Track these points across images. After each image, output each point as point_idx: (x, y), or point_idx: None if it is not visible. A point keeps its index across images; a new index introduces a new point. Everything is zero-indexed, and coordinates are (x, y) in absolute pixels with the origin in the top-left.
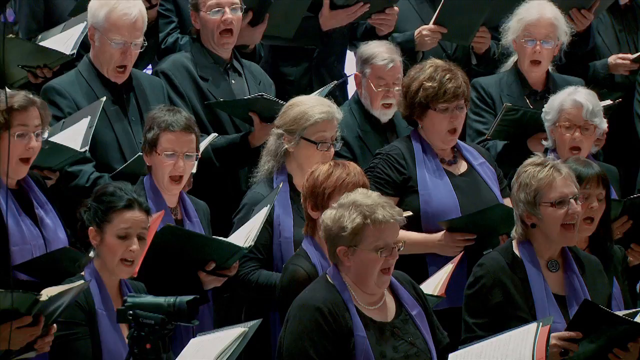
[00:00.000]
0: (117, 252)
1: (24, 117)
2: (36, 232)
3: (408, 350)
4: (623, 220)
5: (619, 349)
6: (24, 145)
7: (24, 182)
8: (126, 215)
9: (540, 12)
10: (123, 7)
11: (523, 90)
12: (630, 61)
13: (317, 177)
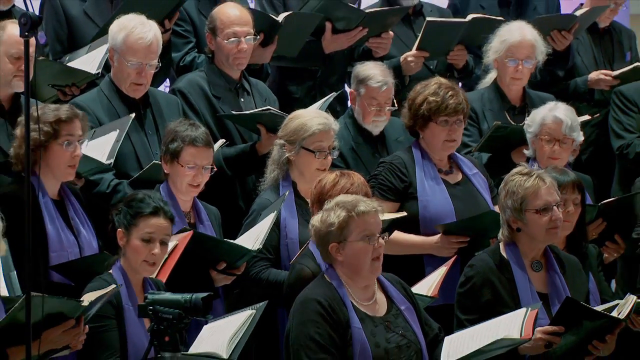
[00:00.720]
0: (141, 254)
1: (70, 128)
2: (73, 240)
3: (399, 342)
4: (598, 223)
5: (597, 340)
6: (70, 153)
7: (64, 193)
8: (151, 221)
9: (522, 34)
10: (139, 31)
11: (503, 105)
12: (612, 77)
13: (324, 186)
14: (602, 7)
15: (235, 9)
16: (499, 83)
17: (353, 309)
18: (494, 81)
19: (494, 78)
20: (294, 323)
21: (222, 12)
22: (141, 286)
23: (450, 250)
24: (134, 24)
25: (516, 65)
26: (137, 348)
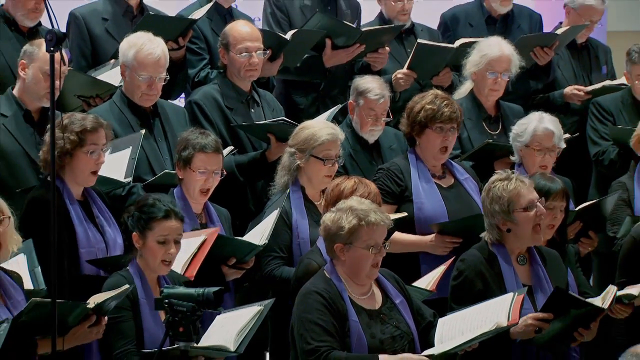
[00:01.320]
0: (158, 255)
1: (95, 137)
2: (99, 237)
3: (393, 332)
4: (576, 225)
5: (582, 327)
6: (94, 160)
7: (88, 195)
8: (165, 224)
9: (500, 49)
10: (148, 47)
11: (480, 115)
12: (584, 93)
13: (342, 190)
14: (580, 25)
15: (246, 26)
16: (476, 94)
17: (350, 303)
18: (470, 92)
19: (471, 89)
20: (297, 313)
21: (235, 29)
22: (156, 281)
23: (444, 248)
24: (142, 41)
25: (495, 77)
26: (153, 337)
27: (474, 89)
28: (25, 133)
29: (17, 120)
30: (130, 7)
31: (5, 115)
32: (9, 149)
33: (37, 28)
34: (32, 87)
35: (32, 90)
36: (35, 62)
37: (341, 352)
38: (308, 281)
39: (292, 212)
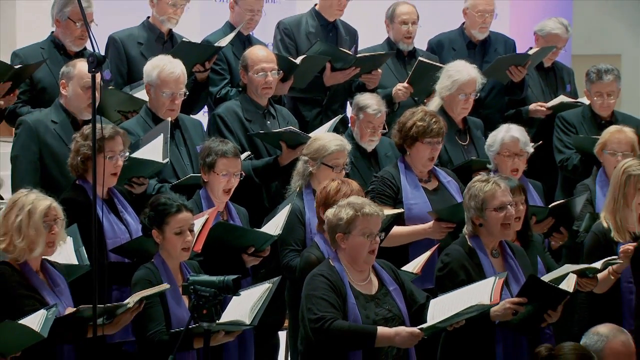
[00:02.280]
0: (178, 245)
1: (111, 144)
2: (123, 229)
3: (386, 315)
4: (548, 221)
5: (551, 309)
6: (112, 164)
7: (112, 194)
8: (178, 217)
9: (468, 73)
10: (169, 68)
11: (452, 128)
12: (546, 109)
13: (329, 191)
14: (550, 47)
15: (263, 51)
16: (447, 110)
17: (350, 288)
18: (441, 108)
19: (441, 105)
20: (305, 292)
21: (253, 52)
22: (178, 269)
23: (442, 233)
24: (164, 62)
25: (466, 98)
26: (178, 319)
27: (445, 106)
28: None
29: (65, 127)
30: (161, 34)
31: (55, 122)
32: (59, 151)
33: (82, 52)
34: (74, 102)
35: (74, 104)
36: (73, 79)
37: (343, 322)
38: (316, 267)
39: (306, 211)
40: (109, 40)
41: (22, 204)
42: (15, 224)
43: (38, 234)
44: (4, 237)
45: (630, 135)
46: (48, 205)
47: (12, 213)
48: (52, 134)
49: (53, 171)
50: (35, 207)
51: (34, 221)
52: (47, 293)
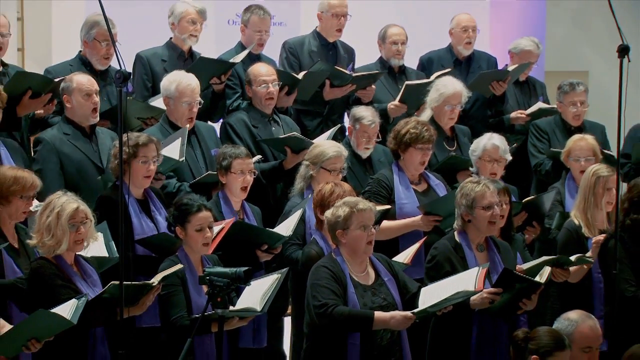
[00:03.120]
0: (199, 240)
1: (145, 150)
2: (152, 226)
3: (381, 303)
4: (522, 215)
5: (526, 299)
6: (146, 167)
7: (148, 195)
8: (198, 216)
9: (454, 87)
10: (185, 80)
11: (440, 136)
12: (525, 115)
13: (324, 193)
14: (526, 64)
15: (263, 67)
16: (436, 120)
17: (350, 279)
18: (431, 118)
19: (431, 116)
20: (310, 282)
21: (255, 69)
22: (199, 262)
23: (430, 225)
24: (180, 76)
25: (452, 109)
26: (198, 306)
27: (435, 116)
28: (85, 145)
29: (77, 136)
30: (183, 52)
31: (67, 134)
32: (77, 158)
33: (107, 69)
34: (79, 111)
35: (79, 113)
36: (74, 91)
37: (344, 307)
38: (319, 260)
39: (306, 210)
40: (136, 58)
41: (54, 205)
42: (46, 224)
43: (64, 234)
44: (37, 234)
45: (592, 142)
46: (75, 208)
47: (44, 213)
48: (68, 145)
49: (74, 177)
50: (64, 210)
51: (61, 222)
52: (81, 283)
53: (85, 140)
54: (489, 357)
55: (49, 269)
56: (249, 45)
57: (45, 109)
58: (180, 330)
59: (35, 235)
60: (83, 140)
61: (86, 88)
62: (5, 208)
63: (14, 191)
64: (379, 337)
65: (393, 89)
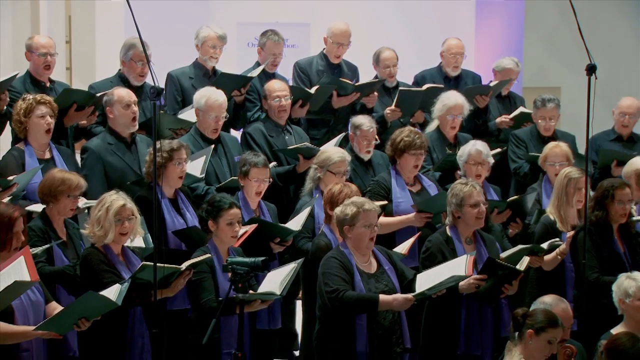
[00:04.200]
0: (228, 233)
1: (179, 154)
2: (182, 223)
3: (383, 288)
4: (506, 212)
5: (507, 284)
6: (180, 169)
7: (178, 195)
8: (230, 212)
9: (456, 99)
10: (214, 96)
11: (445, 143)
12: (509, 119)
13: (333, 192)
14: (506, 80)
15: (277, 83)
16: (441, 129)
17: (356, 268)
18: (437, 127)
19: (437, 125)
20: (321, 270)
21: (269, 85)
22: (227, 252)
23: (422, 222)
24: (210, 92)
25: (453, 119)
26: (224, 291)
27: (440, 125)
28: (126, 153)
29: (119, 146)
30: (207, 71)
31: (110, 144)
32: (119, 166)
33: (142, 85)
34: (120, 120)
35: (121, 122)
36: (115, 103)
37: (353, 292)
38: (329, 252)
39: (315, 207)
40: (168, 76)
41: (105, 202)
42: (96, 217)
43: (110, 227)
44: (89, 225)
45: (565, 148)
46: (122, 205)
47: (97, 208)
48: (111, 153)
49: (116, 182)
50: (112, 206)
51: (108, 216)
52: (124, 270)
53: (126, 150)
54: (476, 335)
55: (96, 256)
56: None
57: (88, 119)
58: (208, 311)
59: (88, 226)
60: (124, 149)
61: (126, 100)
62: (55, 206)
63: (62, 191)
64: (382, 317)
65: (388, 103)
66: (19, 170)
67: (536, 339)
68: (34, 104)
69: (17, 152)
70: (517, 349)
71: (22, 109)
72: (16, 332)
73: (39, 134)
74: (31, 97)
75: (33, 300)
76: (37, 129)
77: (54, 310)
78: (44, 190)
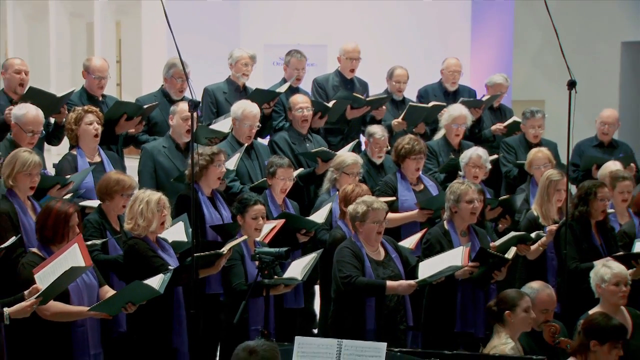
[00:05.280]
0: (253, 226)
1: (218, 157)
2: (218, 217)
3: (390, 274)
4: (497, 209)
5: (497, 271)
6: (219, 170)
7: (214, 194)
8: (254, 207)
9: (460, 111)
10: (249, 107)
11: (450, 149)
12: (503, 127)
13: (347, 191)
14: (496, 95)
15: (300, 97)
16: (447, 137)
17: (366, 256)
18: (443, 135)
19: (444, 133)
20: (336, 259)
21: (293, 98)
22: (253, 243)
23: (424, 218)
24: (245, 104)
25: (457, 127)
26: (252, 276)
27: (446, 133)
28: (177, 156)
29: (172, 150)
30: (238, 86)
31: (165, 147)
32: (168, 167)
33: (182, 99)
34: (177, 129)
35: (177, 131)
36: (176, 114)
37: (363, 278)
38: (342, 243)
39: (333, 204)
40: (204, 91)
41: (142, 197)
42: (138, 211)
43: (153, 216)
44: (130, 220)
45: (547, 153)
46: (159, 196)
47: (135, 204)
48: (163, 155)
49: (163, 180)
50: (151, 199)
51: (150, 207)
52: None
53: (178, 154)
54: (470, 315)
55: (142, 244)
56: (289, 80)
57: (136, 128)
58: (238, 294)
59: (129, 221)
60: (176, 153)
61: (185, 114)
62: (110, 202)
63: (117, 190)
64: (389, 300)
65: (395, 114)
66: (73, 172)
67: (513, 315)
68: (82, 113)
69: (71, 157)
70: (504, 330)
71: (73, 118)
72: (72, 312)
73: (88, 139)
74: (80, 108)
75: (87, 283)
76: (86, 135)
77: (106, 292)
78: (102, 189)
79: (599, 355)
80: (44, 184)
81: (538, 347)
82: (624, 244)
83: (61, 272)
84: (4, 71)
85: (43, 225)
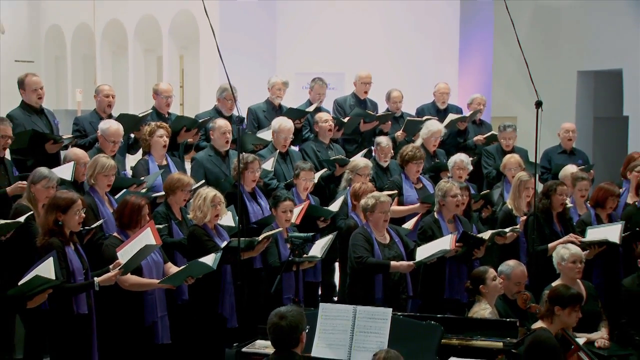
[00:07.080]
0: (283, 218)
1: (252, 165)
2: (258, 209)
3: (394, 255)
4: (480, 202)
5: (476, 249)
6: (253, 175)
7: (255, 190)
8: (285, 203)
9: (437, 127)
10: (284, 123)
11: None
12: (483, 138)
13: (356, 188)
14: (477, 110)
15: (324, 114)
16: (425, 145)
17: (375, 240)
18: (422, 144)
19: (422, 143)
20: (351, 242)
21: (319, 115)
22: (285, 229)
23: (423, 210)
24: (282, 120)
25: (435, 139)
26: (284, 256)
27: (424, 143)
28: (220, 162)
29: (216, 158)
30: (275, 106)
31: (210, 155)
32: (214, 171)
33: (231, 116)
34: (217, 141)
35: (218, 143)
36: (216, 129)
37: (373, 258)
38: (356, 229)
39: (347, 199)
40: (248, 110)
41: (202, 194)
42: (197, 205)
43: (207, 210)
44: (192, 211)
45: (518, 158)
46: (214, 194)
47: (197, 198)
48: (210, 162)
49: (212, 182)
50: (207, 196)
51: (206, 203)
52: (218, 240)
53: (221, 160)
54: (456, 285)
55: (199, 230)
56: (314, 102)
57: (194, 138)
58: (274, 270)
59: (192, 212)
60: (220, 160)
61: (222, 129)
62: (174, 197)
63: (178, 187)
64: (393, 275)
65: (397, 128)
66: (145, 173)
67: (486, 287)
68: (155, 128)
69: (144, 162)
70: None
71: (147, 131)
72: (145, 283)
73: (158, 147)
74: (153, 123)
75: (155, 260)
76: (157, 144)
77: (169, 268)
78: (167, 187)
79: (562, 317)
80: (123, 184)
81: (513, 312)
82: (581, 230)
83: (138, 249)
84: (96, 95)
85: (121, 215)
